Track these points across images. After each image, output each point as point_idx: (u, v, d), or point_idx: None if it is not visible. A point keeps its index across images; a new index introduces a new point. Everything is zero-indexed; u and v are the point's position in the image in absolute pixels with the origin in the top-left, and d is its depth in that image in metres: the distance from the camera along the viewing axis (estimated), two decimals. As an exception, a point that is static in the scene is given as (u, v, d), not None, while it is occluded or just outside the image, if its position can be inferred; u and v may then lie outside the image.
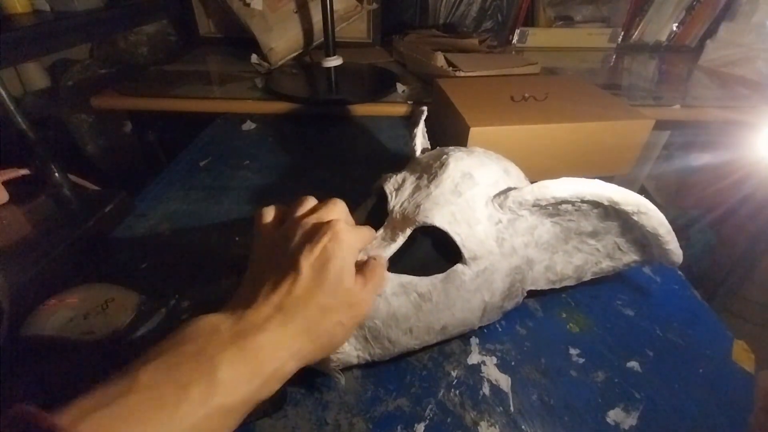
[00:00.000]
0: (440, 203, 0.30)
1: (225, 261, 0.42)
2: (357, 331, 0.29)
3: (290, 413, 0.29)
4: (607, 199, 0.30)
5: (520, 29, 1.08)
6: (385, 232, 0.30)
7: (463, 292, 0.29)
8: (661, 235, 0.31)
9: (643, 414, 0.29)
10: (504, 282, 0.31)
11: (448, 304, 0.29)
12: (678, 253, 0.32)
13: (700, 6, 1.02)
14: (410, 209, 0.30)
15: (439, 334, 0.31)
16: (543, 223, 0.32)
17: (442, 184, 0.31)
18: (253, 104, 0.76)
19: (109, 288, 0.36)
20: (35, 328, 0.33)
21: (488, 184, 0.31)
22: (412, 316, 0.29)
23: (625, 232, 0.33)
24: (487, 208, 0.30)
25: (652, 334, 0.35)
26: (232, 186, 0.54)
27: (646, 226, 0.31)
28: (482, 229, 0.30)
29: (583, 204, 0.30)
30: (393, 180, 0.33)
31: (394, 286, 0.29)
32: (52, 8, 0.69)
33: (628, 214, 0.30)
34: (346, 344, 0.28)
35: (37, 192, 0.48)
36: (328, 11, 0.74)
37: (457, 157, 0.32)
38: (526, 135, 0.51)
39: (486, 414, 0.29)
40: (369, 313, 0.27)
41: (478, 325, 0.32)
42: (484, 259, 0.29)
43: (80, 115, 0.97)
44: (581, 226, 0.33)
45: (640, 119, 0.52)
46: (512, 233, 0.31)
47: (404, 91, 0.79)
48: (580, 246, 0.34)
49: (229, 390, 0.20)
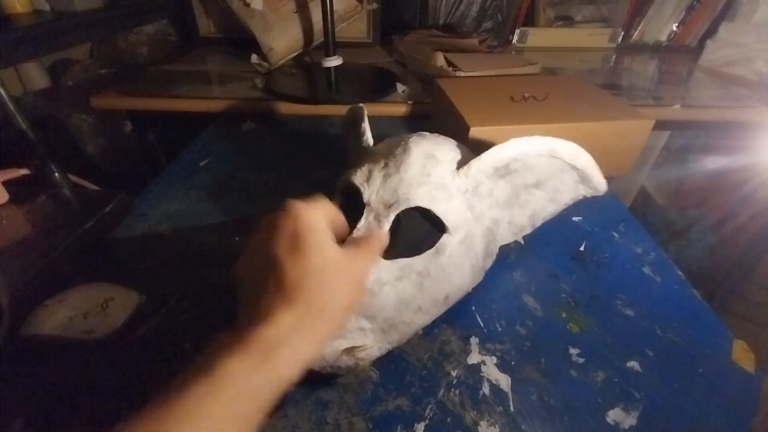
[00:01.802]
0: (415, 185, 0.32)
1: (225, 261, 0.42)
2: (373, 324, 0.30)
3: (290, 413, 0.29)
4: (548, 150, 0.34)
5: (520, 29, 1.08)
6: (367, 221, 0.32)
7: (454, 260, 0.32)
8: (588, 170, 0.35)
9: (642, 414, 0.29)
10: (481, 244, 0.35)
11: (444, 274, 0.32)
12: (602, 182, 0.37)
13: (700, 6, 1.02)
14: (388, 196, 0.32)
15: (444, 304, 0.33)
16: (498, 185, 0.36)
17: (411, 168, 0.33)
18: (253, 104, 0.76)
19: (108, 288, 0.36)
20: (35, 328, 0.33)
21: (449, 161, 0.34)
22: (417, 294, 0.31)
23: (562, 174, 0.37)
24: (454, 181, 0.33)
25: (652, 334, 0.35)
26: (232, 186, 0.54)
27: (577, 165, 0.35)
28: (456, 201, 0.33)
29: (529, 158, 0.34)
30: (359, 173, 0.35)
31: (395, 271, 0.30)
32: (52, 8, 0.69)
33: (564, 158, 0.34)
34: (367, 341, 0.30)
35: (37, 192, 0.48)
36: (328, 11, 0.74)
37: (416, 141, 0.35)
38: (526, 135, 0.51)
39: (486, 414, 0.29)
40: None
41: (471, 288, 0.36)
42: (463, 227, 0.33)
43: (80, 115, 0.97)
44: (527, 180, 0.37)
45: (640, 119, 0.52)
46: (478, 199, 0.35)
47: (404, 91, 0.79)
48: (529, 197, 0.38)
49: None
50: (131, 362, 0.32)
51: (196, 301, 0.38)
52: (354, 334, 0.30)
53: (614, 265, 0.42)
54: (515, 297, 0.39)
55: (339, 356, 0.29)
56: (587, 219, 0.48)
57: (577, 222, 0.48)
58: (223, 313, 0.36)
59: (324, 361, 0.29)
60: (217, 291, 0.38)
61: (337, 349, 0.29)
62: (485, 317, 0.36)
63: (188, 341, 0.34)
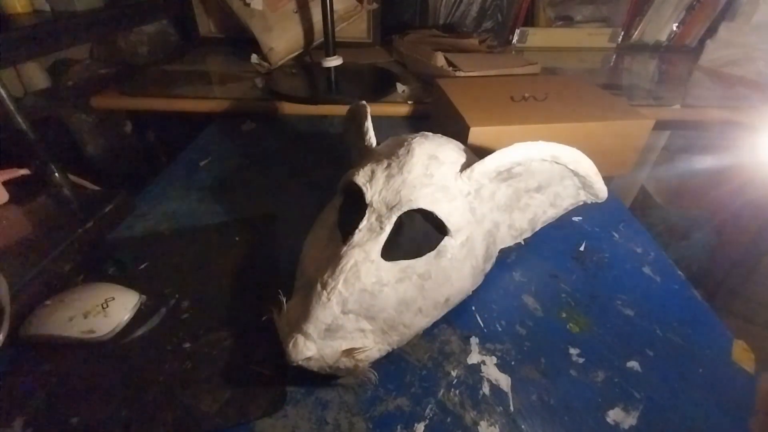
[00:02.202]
0: (418, 186, 0.32)
1: (225, 261, 0.42)
2: (373, 325, 0.30)
3: (290, 413, 0.29)
4: (550, 155, 0.34)
5: (520, 29, 1.08)
6: (369, 222, 0.32)
7: (455, 262, 0.32)
8: (590, 176, 0.36)
9: (643, 414, 0.29)
10: (482, 246, 0.35)
11: (445, 277, 0.32)
12: (603, 189, 0.37)
13: (700, 6, 1.02)
14: (390, 197, 0.32)
15: (444, 307, 0.33)
16: (500, 188, 0.36)
17: (414, 169, 0.33)
18: (253, 104, 0.76)
19: (109, 288, 0.36)
20: (35, 328, 0.33)
21: (451, 162, 0.34)
22: (418, 296, 0.31)
23: (564, 179, 0.37)
24: (457, 183, 0.33)
25: (652, 334, 0.35)
26: (232, 186, 0.54)
27: (579, 171, 0.35)
28: (458, 203, 0.33)
29: (532, 163, 0.34)
30: (362, 173, 0.34)
31: (396, 272, 0.30)
32: (52, 8, 0.69)
33: (566, 164, 0.35)
34: (366, 342, 0.30)
35: (37, 192, 0.48)
36: (328, 11, 0.74)
37: (419, 142, 0.35)
38: (526, 135, 0.50)
39: (486, 414, 0.29)
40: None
41: (472, 290, 0.35)
42: (465, 230, 0.33)
43: (80, 115, 0.97)
44: (529, 184, 0.37)
45: (640, 119, 0.52)
46: (480, 202, 0.35)
47: (404, 91, 0.79)
48: (530, 201, 0.39)
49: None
50: (131, 362, 0.32)
51: (196, 301, 0.38)
52: (354, 335, 0.30)
53: (614, 265, 0.42)
54: (515, 297, 0.38)
55: (338, 357, 0.28)
56: (587, 219, 0.48)
57: (577, 222, 0.48)
58: (223, 313, 0.36)
59: (323, 362, 0.28)
60: (217, 291, 0.38)
61: (336, 350, 0.28)
62: (485, 317, 0.36)
63: (188, 341, 0.34)
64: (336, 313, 0.28)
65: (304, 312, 0.29)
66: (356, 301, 0.29)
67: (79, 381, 0.31)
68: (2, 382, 0.31)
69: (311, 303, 0.28)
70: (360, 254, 0.30)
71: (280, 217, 0.48)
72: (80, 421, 0.29)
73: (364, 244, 0.30)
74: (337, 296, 0.28)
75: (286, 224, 0.47)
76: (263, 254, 0.43)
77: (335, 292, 0.28)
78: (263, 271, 0.41)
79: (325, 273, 0.29)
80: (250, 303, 0.37)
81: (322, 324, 0.28)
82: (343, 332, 0.29)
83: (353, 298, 0.29)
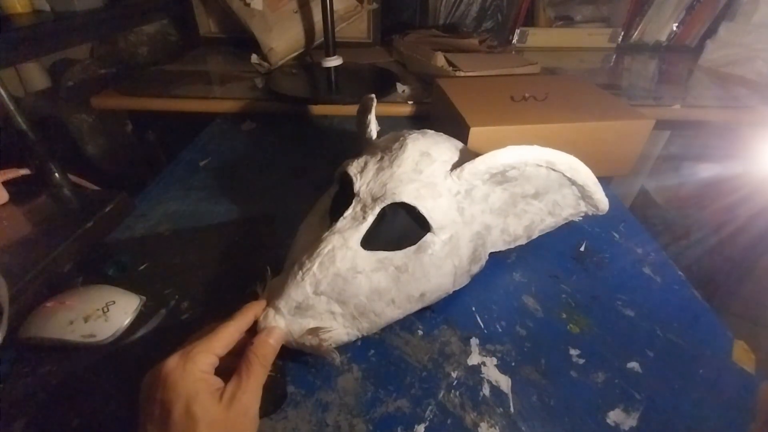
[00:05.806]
0: (404, 181, 0.32)
1: (225, 261, 0.42)
2: (344, 309, 0.30)
3: (290, 414, 0.29)
4: (545, 161, 0.33)
5: (520, 29, 1.08)
6: (354, 211, 0.32)
7: (435, 259, 0.32)
8: (588, 186, 0.35)
9: (643, 414, 0.29)
10: (468, 247, 0.34)
11: (423, 272, 0.32)
12: (604, 201, 0.36)
13: (700, 6, 1.02)
14: (377, 189, 0.32)
15: (419, 302, 0.33)
16: (494, 191, 0.36)
17: (404, 164, 0.33)
18: (253, 104, 0.76)
19: (109, 291, 0.36)
20: (35, 329, 0.33)
21: (444, 161, 0.34)
22: (392, 287, 0.31)
23: (563, 187, 0.36)
24: (446, 181, 0.33)
25: (652, 334, 0.35)
26: (232, 186, 0.54)
27: (577, 180, 0.35)
28: (444, 201, 0.33)
29: (527, 168, 0.33)
30: (356, 164, 0.35)
31: (373, 262, 0.31)
32: (52, 8, 0.69)
33: (562, 171, 0.34)
34: (335, 324, 0.30)
35: (37, 192, 0.48)
36: (328, 11, 0.74)
37: (414, 138, 0.35)
38: (526, 135, 0.51)
39: (486, 415, 0.29)
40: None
41: (452, 289, 0.35)
42: (449, 228, 0.33)
43: (80, 115, 0.96)
44: (525, 190, 0.36)
45: (640, 119, 0.52)
46: (470, 202, 0.34)
47: (404, 91, 0.79)
48: (527, 207, 0.38)
49: None
50: (131, 363, 0.32)
51: (196, 301, 0.37)
52: (324, 316, 0.30)
53: (614, 266, 0.42)
54: (515, 298, 0.38)
55: (304, 334, 0.29)
56: (587, 219, 0.48)
57: (577, 222, 0.48)
58: (223, 313, 0.36)
59: (290, 336, 0.29)
60: (217, 291, 0.38)
61: (303, 327, 0.29)
62: (485, 318, 0.36)
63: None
64: (308, 293, 0.29)
65: (279, 289, 0.30)
66: (329, 284, 0.30)
67: (79, 382, 0.31)
68: (3, 383, 0.31)
69: (287, 281, 0.30)
70: (339, 240, 0.30)
71: (280, 217, 0.48)
72: (81, 422, 0.29)
73: (345, 231, 0.31)
74: (311, 277, 0.29)
75: (286, 224, 0.47)
76: (263, 254, 0.43)
77: (309, 273, 0.29)
78: (263, 271, 0.40)
79: (304, 255, 0.31)
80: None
81: (293, 301, 0.29)
82: (313, 312, 0.30)
83: (326, 281, 0.29)
